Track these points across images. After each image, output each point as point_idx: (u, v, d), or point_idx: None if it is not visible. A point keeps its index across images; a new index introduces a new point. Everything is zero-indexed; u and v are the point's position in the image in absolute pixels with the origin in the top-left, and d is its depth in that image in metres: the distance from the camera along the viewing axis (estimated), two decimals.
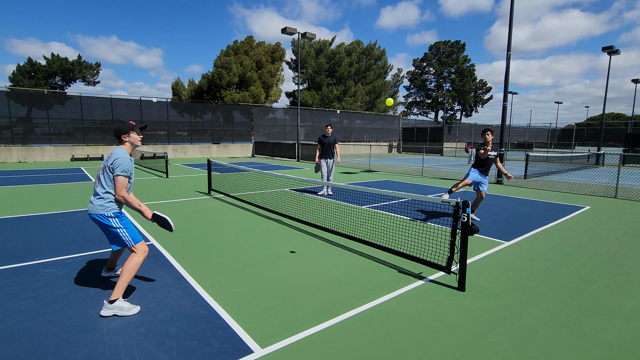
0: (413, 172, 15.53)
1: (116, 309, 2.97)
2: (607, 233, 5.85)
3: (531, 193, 9.88)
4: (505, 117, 12.20)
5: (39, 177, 12.05)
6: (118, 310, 2.97)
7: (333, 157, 9.26)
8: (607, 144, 42.78)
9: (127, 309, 3.00)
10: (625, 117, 69.52)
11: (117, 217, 3.19)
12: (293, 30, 20.07)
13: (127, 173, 3.15)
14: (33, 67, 29.28)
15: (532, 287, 3.71)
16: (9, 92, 19.67)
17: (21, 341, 2.60)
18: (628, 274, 4.10)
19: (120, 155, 3.14)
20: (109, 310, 2.97)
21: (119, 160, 3.11)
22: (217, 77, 30.36)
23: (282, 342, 2.66)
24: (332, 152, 9.22)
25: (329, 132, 9.25)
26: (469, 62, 56.95)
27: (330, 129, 9.30)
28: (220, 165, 13.20)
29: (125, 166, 3.12)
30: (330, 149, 9.18)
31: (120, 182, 3.12)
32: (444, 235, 5.26)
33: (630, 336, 2.82)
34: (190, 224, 6.02)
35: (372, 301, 3.33)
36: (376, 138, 36.52)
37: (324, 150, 9.18)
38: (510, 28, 11.60)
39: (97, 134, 21.53)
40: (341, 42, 40.90)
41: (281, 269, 4.11)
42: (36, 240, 4.99)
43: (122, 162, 3.11)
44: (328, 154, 9.20)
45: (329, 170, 9.26)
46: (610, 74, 21.25)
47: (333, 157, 9.26)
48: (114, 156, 3.14)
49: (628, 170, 17.05)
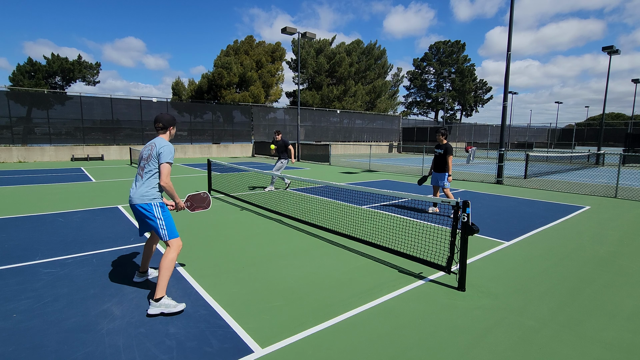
0: (413, 172, 15.52)
1: (163, 307, 3.00)
2: (607, 233, 5.85)
3: (531, 193, 9.88)
4: (505, 117, 12.20)
5: (39, 177, 12.05)
6: (165, 307, 3.00)
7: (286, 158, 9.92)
8: (607, 143, 42.78)
9: (173, 306, 3.03)
10: (625, 117, 69.52)
11: (161, 207, 3.27)
12: (293, 30, 20.06)
13: (172, 160, 3.27)
14: (33, 67, 29.26)
15: (532, 287, 3.71)
16: (9, 92, 19.67)
17: (21, 341, 2.60)
18: (628, 274, 4.10)
19: (166, 144, 3.26)
20: (157, 309, 2.99)
21: (165, 147, 3.23)
22: (217, 77, 30.36)
23: (282, 342, 2.66)
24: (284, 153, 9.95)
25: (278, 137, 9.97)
26: (469, 62, 56.95)
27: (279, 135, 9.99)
28: (220, 165, 13.19)
29: (172, 153, 3.27)
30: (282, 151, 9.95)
31: (167, 169, 3.22)
32: (444, 235, 5.26)
33: (630, 336, 2.82)
34: (190, 224, 6.02)
35: (372, 301, 3.33)
36: (376, 138, 36.53)
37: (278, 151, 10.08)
38: (510, 28, 11.60)
39: (97, 134, 21.53)
40: (341, 42, 40.91)
41: (281, 269, 4.11)
42: (36, 240, 4.99)
43: (170, 150, 3.25)
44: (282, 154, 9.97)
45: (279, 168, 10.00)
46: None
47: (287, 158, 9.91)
48: (160, 144, 3.24)
49: (628, 170, 17.05)
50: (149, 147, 3.31)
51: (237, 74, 30.99)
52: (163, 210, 3.28)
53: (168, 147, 3.25)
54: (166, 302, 3.03)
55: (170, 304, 3.03)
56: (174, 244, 3.22)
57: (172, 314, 3.00)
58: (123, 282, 3.67)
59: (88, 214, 6.62)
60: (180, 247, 3.26)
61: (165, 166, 3.21)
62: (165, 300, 3.04)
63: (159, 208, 3.25)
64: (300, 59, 28.39)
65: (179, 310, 3.03)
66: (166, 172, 3.22)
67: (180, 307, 3.05)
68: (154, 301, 3.02)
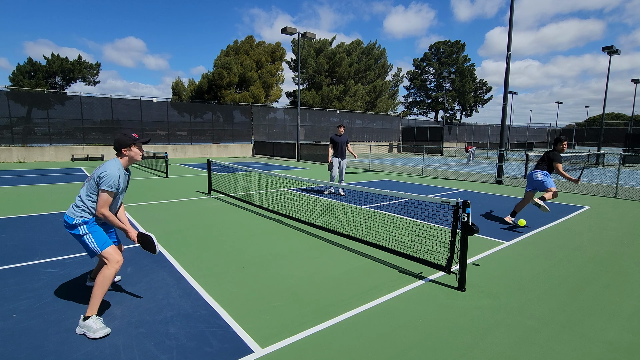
0: (413, 172, 15.52)
1: (85, 328, 2.68)
2: (607, 233, 5.85)
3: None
4: (505, 117, 12.20)
5: (38, 177, 12.05)
6: (87, 329, 2.67)
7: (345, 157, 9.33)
8: (607, 144, 42.78)
9: (94, 330, 2.65)
10: (625, 117, 69.52)
11: (84, 224, 2.93)
12: (293, 30, 20.06)
13: (113, 189, 2.87)
14: (33, 67, 29.27)
15: (532, 287, 3.71)
16: (9, 92, 19.67)
17: (21, 341, 2.60)
18: (628, 274, 4.10)
19: (110, 170, 2.88)
20: (80, 329, 2.71)
21: (107, 174, 2.85)
22: (217, 77, 30.36)
23: (282, 342, 2.66)
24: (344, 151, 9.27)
25: (341, 132, 9.25)
26: (469, 62, 56.96)
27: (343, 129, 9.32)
28: (220, 165, 13.19)
29: (112, 181, 2.85)
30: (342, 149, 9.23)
31: (103, 198, 2.86)
32: (444, 235, 5.26)
33: (630, 336, 2.82)
34: (190, 224, 6.02)
35: (372, 301, 3.32)
36: (376, 138, 36.53)
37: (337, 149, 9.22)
38: (510, 28, 11.60)
39: (97, 134, 21.54)
40: (341, 42, 40.92)
41: (281, 269, 4.11)
42: (36, 240, 4.99)
43: (110, 177, 2.85)
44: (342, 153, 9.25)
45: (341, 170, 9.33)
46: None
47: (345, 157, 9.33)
48: (103, 169, 2.89)
49: (628, 170, 17.05)
50: (96, 168, 2.97)
51: (237, 74, 30.99)
52: (89, 226, 2.94)
53: (110, 173, 2.85)
54: (90, 323, 2.67)
55: (93, 327, 2.66)
56: (110, 258, 2.88)
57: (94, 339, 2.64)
58: (123, 282, 3.67)
59: None
60: (119, 262, 2.90)
61: (102, 194, 2.84)
62: (91, 321, 2.68)
63: (83, 225, 2.92)
64: (300, 59, 28.40)
65: (99, 336, 2.64)
66: (102, 202, 2.86)
67: (101, 333, 2.65)
68: (82, 319, 2.72)
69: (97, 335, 2.65)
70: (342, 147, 9.15)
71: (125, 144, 3.01)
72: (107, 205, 2.91)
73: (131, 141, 3.02)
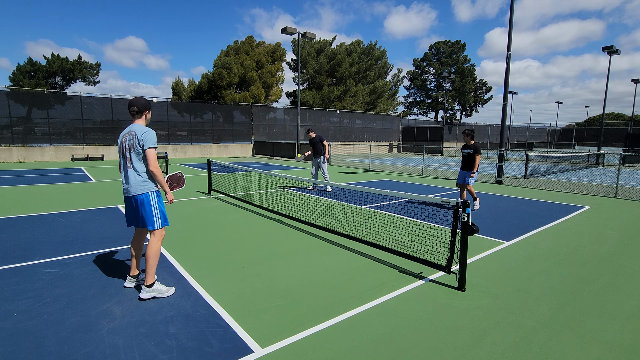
0: (413, 172, 15.52)
1: (155, 292, 3.22)
2: (607, 233, 5.85)
3: (531, 193, 9.88)
4: (505, 117, 12.20)
5: (39, 177, 12.05)
6: (157, 292, 3.23)
7: (321, 155, 9.99)
8: (607, 143, 42.77)
9: (164, 291, 3.28)
10: (625, 117, 69.51)
11: (157, 197, 3.31)
12: (293, 30, 20.06)
13: (156, 144, 3.24)
14: (33, 67, 29.25)
15: (532, 287, 3.71)
16: (9, 92, 19.67)
17: (21, 341, 2.60)
18: (628, 274, 4.10)
19: (146, 130, 3.21)
20: (149, 293, 3.20)
21: (147, 133, 3.19)
22: (217, 77, 30.33)
23: (282, 342, 2.66)
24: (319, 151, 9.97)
25: (311, 135, 10.16)
26: (469, 62, 56.95)
27: (313, 133, 10.18)
28: (220, 165, 13.19)
29: (154, 138, 3.24)
30: (316, 149, 9.99)
31: (153, 155, 3.21)
32: (444, 235, 5.26)
33: (630, 336, 2.82)
34: (190, 224, 6.02)
35: (372, 301, 3.33)
36: (376, 138, 36.52)
37: (313, 149, 10.11)
38: (510, 29, 11.60)
39: (97, 134, 21.53)
40: (341, 42, 40.89)
41: (281, 269, 4.11)
42: (36, 240, 4.99)
43: (152, 135, 3.22)
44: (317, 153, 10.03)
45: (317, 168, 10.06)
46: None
47: (321, 155, 9.98)
48: (140, 131, 3.19)
49: (628, 170, 17.05)
50: (129, 136, 3.22)
51: (237, 74, 30.97)
52: (159, 199, 3.33)
53: (149, 133, 3.21)
54: (158, 287, 3.25)
55: (162, 289, 3.26)
56: (157, 234, 3.30)
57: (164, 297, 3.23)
58: (123, 282, 3.67)
59: (88, 214, 6.62)
60: (163, 236, 3.36)
61: (150, 151, 3.20)
62: (157, 285, 3.25)
63: (155, 197, 3.30)
64: (300, 59, 28.40)
65: (170, 294, 3.29)
66: (153, 157, 3.21)
67: (171, 291, 3.32)
68: (146, 287, 3.21)
69: (169, 294, 3.30)
70: (316, 148, 10.00)
71: (148, 107, 3.41)
72: (157, 160, 3.25)
73: (150, 105, 3.45)
